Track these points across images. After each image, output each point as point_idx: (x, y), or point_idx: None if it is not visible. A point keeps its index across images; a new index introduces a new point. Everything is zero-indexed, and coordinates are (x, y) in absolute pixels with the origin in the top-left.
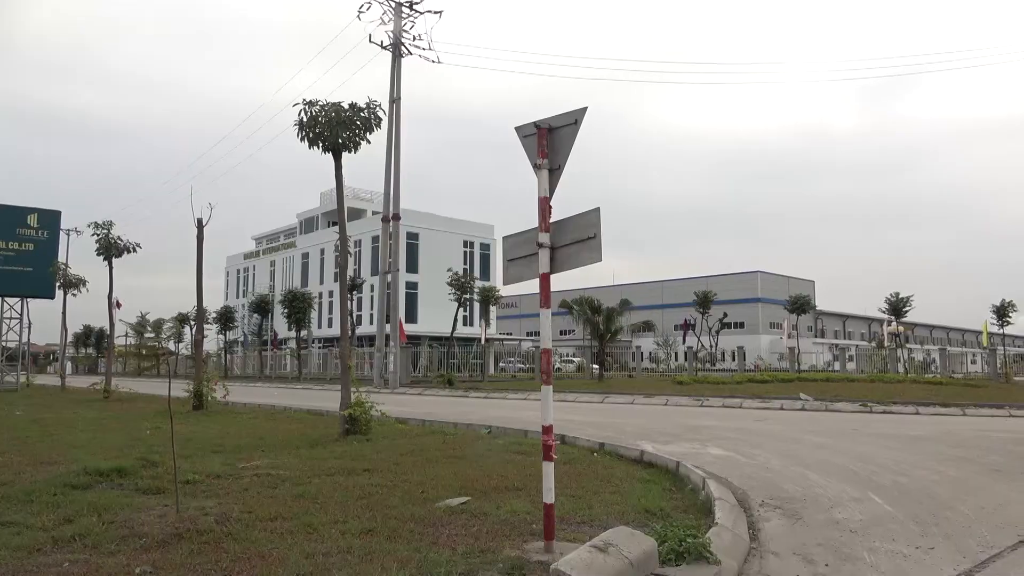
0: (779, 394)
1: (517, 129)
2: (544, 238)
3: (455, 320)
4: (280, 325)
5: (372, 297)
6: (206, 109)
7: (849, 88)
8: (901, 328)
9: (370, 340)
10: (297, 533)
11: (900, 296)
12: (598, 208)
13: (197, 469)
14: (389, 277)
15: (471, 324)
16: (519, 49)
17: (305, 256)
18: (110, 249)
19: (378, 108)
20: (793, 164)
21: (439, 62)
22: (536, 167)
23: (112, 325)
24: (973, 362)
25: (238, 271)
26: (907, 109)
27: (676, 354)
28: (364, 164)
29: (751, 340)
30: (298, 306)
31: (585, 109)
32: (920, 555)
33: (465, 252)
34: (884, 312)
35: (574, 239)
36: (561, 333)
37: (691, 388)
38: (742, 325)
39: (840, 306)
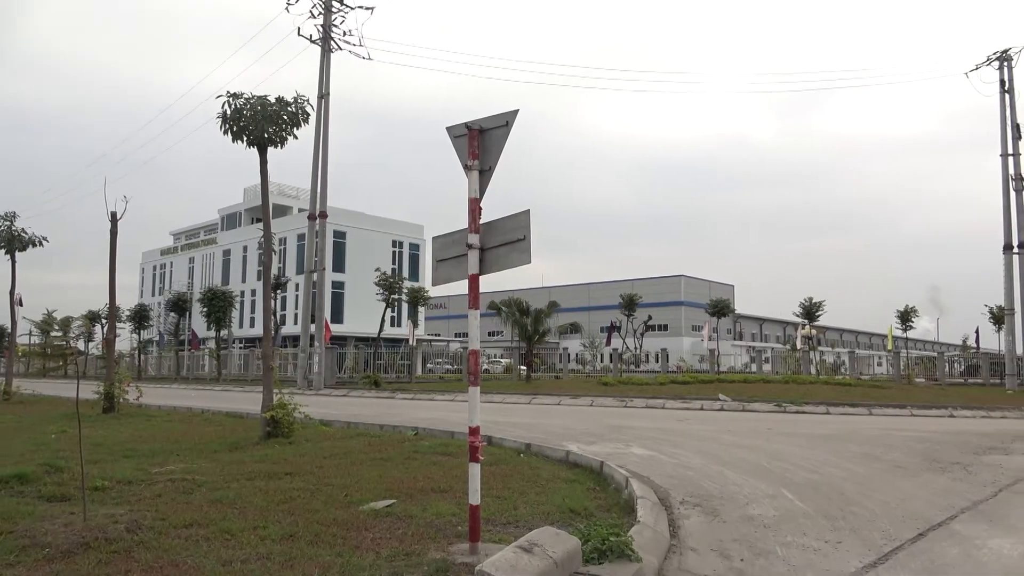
0: (699, 395)
1: (448, 129)
2: (474, 239)
3: (382, 321)
4: (199, 324)
5: (297, 296)
6: (121, 98)
7: (768, 100)
8: (814, 331)
9: (294, 340)
10: (214, 540)
11: (813, 301)
12: (528, 210)
13: (107, 475)
14: (315, 276)
15: (399, 325)
16: (453, 50)
17: (227, 253)
18: (13, 242)
19: (306, 103)
20: (716, 172)
21: (370, 59)
22: (467, 168)
23: (14, 323)
24: (879, 364)
25: (155, 268)
26: (820, 123)
27: (602, 355)
28: (291, 160)
29: (674, 342)
30: (218, 305)
31: (516, 112)
32: (829, 549)
33: (394, 252)
34: (798, 316)
35: (504, 241)
36: (489, 334)
37: (616, 389)
38: (666, 327)
39: (758, 310)
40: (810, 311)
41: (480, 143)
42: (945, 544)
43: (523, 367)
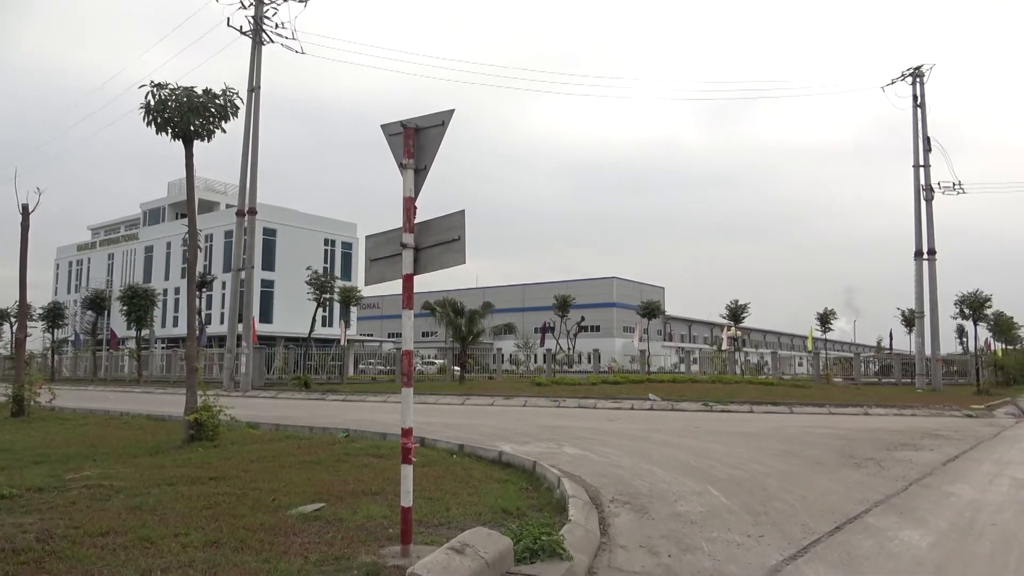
0: (630, 394)
1: (383, 127)
2: (408, 239)
3: (313, 320)
4: (118, 324)
5: (224, 295)
6: (36, 86)
7: (698, 107)
8: (739, 333)
9: (220, 340)
10: (132, 548)
11: (739, 303)
12: (463, 211)
13: (15, 482)
14: (243, 274)
15: (330, 325)
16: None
17: (149, 250)
18: None
19: (235, 96)
20: (648, 175)
21: (303, 52)
22: (402, 167)
23: None
24: (800, 365)
25: (71, 264)
26: (747, 130)
27: (536, 356)
28: (219, 155)
29: (606, 343)
30: (139, 303)
31: (452, 111)
32: (751, 543)
33: (326, 250)
34: (724, 318)
35: (438, 241)
36: (423, 335)
37: (549, 389)
38: (598, 328)
39: (687, 311)
40: (736, 313)
41: (415, 142)
42: (860, 536)
43: (457, 368)
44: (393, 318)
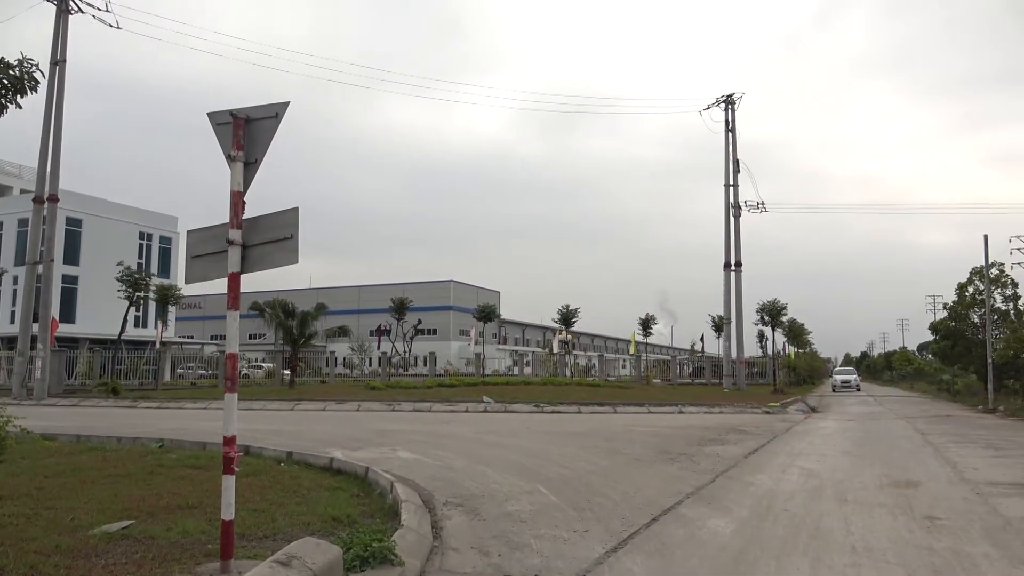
0: (465, 397)
1: (210, 115)
2: (235, 235)
3: (125, 320)
4: None
5: (15, 291)
6: None
7: (534, 118)
8: (569, 336)
9: (10, 342)
10: None
11: (570, 308)
12: (296, 208)
13: None
14: (40, 268)
15: (145, 326)
16: (224, 33)
17: None
18: None
19: (34, 68)
20: (485, 181)
21: (119, 27)
22: (230, 159)
23: None
24: (624, 367)
25: None
26: (580, 143)
27: (371, 359)
28: (15, 134)
29: (442, 346)
30: None
31: (287, 103)
32: (577, 538)
33: (141, 245)
34: (556, 322)
35: (269, 238)
36: (250, 337)
37: (384, 393)
38: (435, 331)
39: (521, 316)
40: (567, 318)
41: (246, 133)
42: (673, 527)
43: (287, 372)
44: (217, 319)
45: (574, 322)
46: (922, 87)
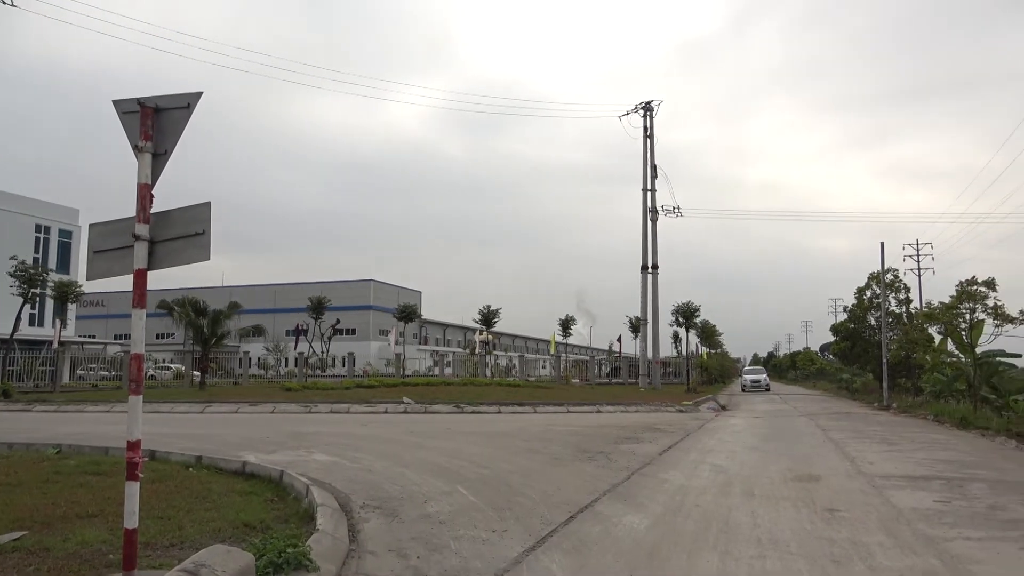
0: (385, 398)
1: (116, 103)
2: (142, 230)
3: (18, 318)
4: None
5: None
6: None
7: (459, 117)
8: (490, 337)
9: None
10: None
11: (491, 308)
12: (208, 203)
13: None
14: None
15: (41, 324)
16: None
17: None
18: None
19: None
20: (407, 180)
21: (13, 5)
22: (137, 149)
23: None
24: (544, 367)
25: None
26: (504, 144)
27: (287, 360)
28: None
29: (362, 346)
30: None
31: (200, 94)
32: (496, 538)
33: (38, 238)
34: (477, 322)
35: (179, 234)
36: (158, 337)
37: (300, 395)
38: (354, 332)
39: (442, 316)
40: (488, 318)
41: (155, 123)
42: (590, 524)
43: (197, 373)
44: (122, 317)
45: (495, 322)
46: (825, 100)
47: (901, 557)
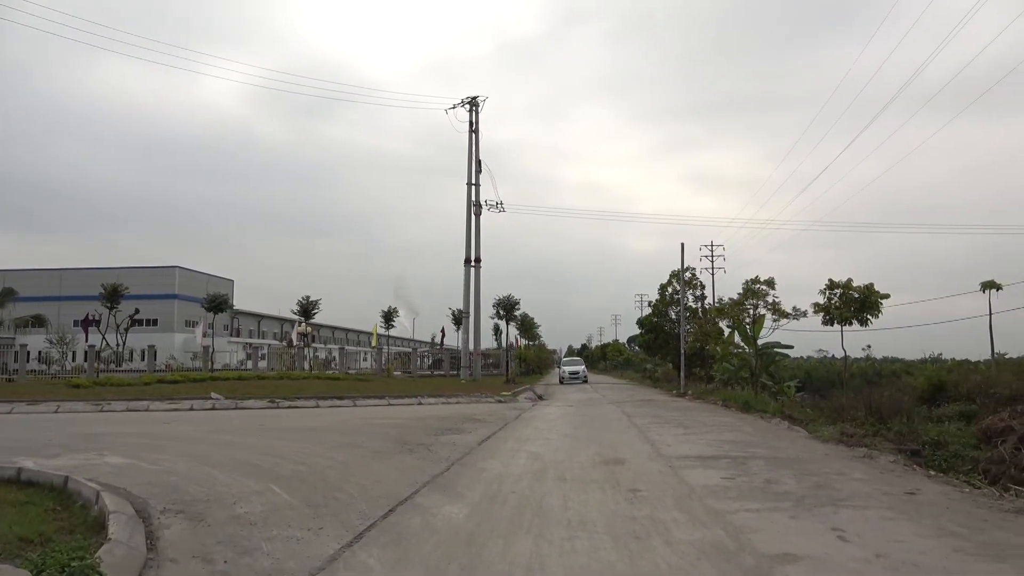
0: (190, 394)
1: None
2: None
3: None
4: None
5: None
6: None
7: (278, 99)
8: (309, 328)
9: None
10: None
11: (310, 299)
12: None
13: None
14: None
15: None
16: None
17: None
18: None
19: None
20: (224, 162)
21: None
22: None
23: None
24: (365, 360)
25: None
26: (326, 129)
27: (75, 354)
28: None
29: (165, 338)
30: None
31: None
32: (311, 536)
33: None
34: (295, 313)
35: None
36: None
37: (91, 392)
38: (156, 322)
39: (257, 306)
40: (307, 309)
41: None
42: (409, 516)
43: None
44: None
45: (314, 314)
46: (637, 110)
47: (692, 530)
